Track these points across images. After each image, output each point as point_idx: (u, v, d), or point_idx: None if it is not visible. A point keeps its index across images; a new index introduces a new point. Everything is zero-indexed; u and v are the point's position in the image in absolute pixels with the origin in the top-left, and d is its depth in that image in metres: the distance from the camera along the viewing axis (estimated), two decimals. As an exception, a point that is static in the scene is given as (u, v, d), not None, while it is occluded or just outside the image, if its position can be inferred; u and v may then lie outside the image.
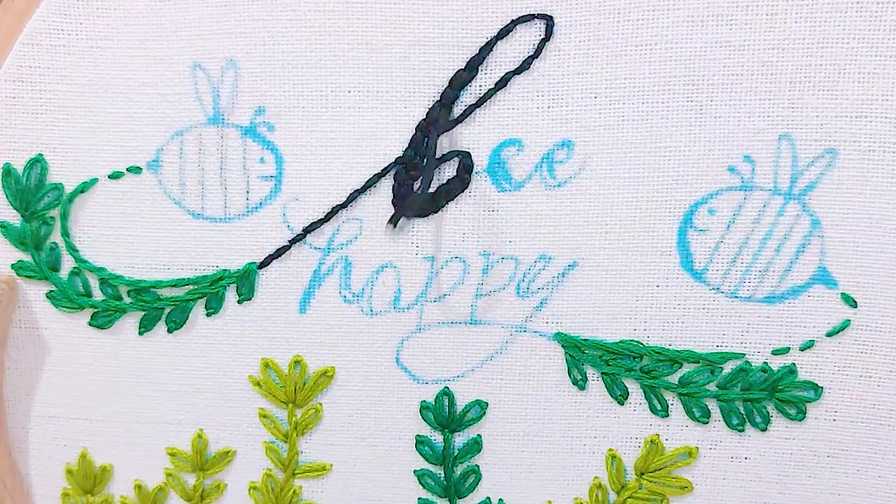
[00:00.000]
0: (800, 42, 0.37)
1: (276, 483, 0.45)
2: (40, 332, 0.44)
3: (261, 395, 0.44)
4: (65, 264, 0.43)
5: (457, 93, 0.39)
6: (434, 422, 0.43)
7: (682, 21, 0.37)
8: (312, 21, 0.39)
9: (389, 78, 0.39)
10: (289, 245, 0.42)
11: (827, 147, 0.38)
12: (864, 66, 0.37)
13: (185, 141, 0.41)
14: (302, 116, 0.40)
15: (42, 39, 0.40)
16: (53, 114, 0.41)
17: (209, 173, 0.41)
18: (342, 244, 0.41)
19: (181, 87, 0.40)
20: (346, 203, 0.41)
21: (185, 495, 0.46)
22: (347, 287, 0.42)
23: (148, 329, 0.43)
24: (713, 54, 0.38)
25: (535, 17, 0.38)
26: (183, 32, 0.39)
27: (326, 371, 0.43)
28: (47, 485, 0.46)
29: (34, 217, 0.42)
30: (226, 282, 0.42)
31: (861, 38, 0.37)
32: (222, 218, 0.42)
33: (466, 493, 0.45)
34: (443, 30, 0.39)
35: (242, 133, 0.40)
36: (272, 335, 0.43)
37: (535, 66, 0.39)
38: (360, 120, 0.40)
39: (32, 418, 0.45)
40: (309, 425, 0.44)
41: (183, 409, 0.44)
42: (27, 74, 0.40)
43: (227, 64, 0.40)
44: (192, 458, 0.45)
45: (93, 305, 0.43)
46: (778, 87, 0.38)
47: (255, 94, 0.40)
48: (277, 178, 0.41)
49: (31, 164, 0.41)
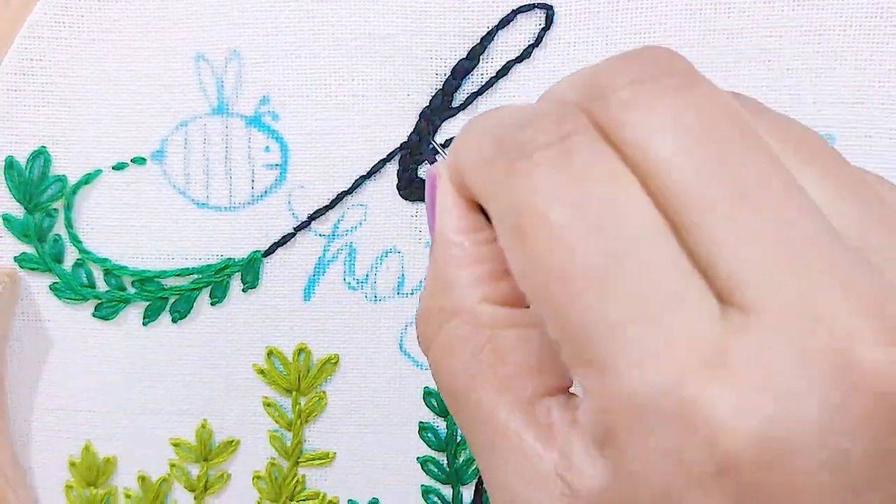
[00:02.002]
0: (797, 29, 0.38)
1: (279, 472, 0.45)
2: (43, 324, 0.44)
3: (265, 384, 0.44)
4: (68, 256, 0.43)
5: (459, 81, 0.39)
6: (437, 408, 0.44)
7: (680, 9, 0.38)
8: (315, 11, 0.39)
9: (392, 66, 0.40)
10: (294, 232, 0.42)
11: (825, 133, 0.39)
12: (861, 53, 0.38)
13: (189, 131, 0.41)
14: (306, 105, 0.40)
15: (43, 32, 0.40)
16: (56, 106, 0.41)
17: (214, 163, 0.41)
18: (347, 230, 0.42)
19: (185, 77, 0.40)
20: (352, 189, 0.41)
21: (189, 486, 0.46)
22: (352, 273, 0.42)
23: (152, 319, 0.43)
24: (711, 41, 0.38)
25: (536, 7, 0.39)
26: (186, 23, 0.40)
27: (331, 358, 0.43)
28: (50, 477, 0.46)
29: (37, 209, 0.42)
30: (230, 270, 0.42)
31: (858, 26, 0.37)
32: (227, 207, 0.42)
33: (469, 480, 0.45)
34: (445, 20, 0.39)
35: (247, 123, 0.41)
36: (276, 323, 0.43)
37: (536, 55, 0.39)
38: (363, 108, 0.40)
39: (35, 410, 0.45)
40: (313, 413, 0.44)
41: (187, 400, 0.45)
42: (29, 67, 0.40)
43: (231, 54, 0.40)
44: (196, 449, 0.45)
45: (97, 296, 0.43)
46: (775, 74, 0.38)
47: (259, 84, 0.40)
48: (282, 167, 0.41)
49: (34, 157, 0.41)
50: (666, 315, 0.19)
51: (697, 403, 0.18)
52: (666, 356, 0.19)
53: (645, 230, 0.20)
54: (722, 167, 0.20)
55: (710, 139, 0.20)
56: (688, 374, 0.19)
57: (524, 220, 0.21)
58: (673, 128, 0.20)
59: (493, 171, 0.22)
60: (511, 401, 0.23)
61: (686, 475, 0.19)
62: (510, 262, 0.22)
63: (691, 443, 0.18)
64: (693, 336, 0.19)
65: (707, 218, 0.20)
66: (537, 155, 0.21)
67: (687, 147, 0.20)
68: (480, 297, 0.24)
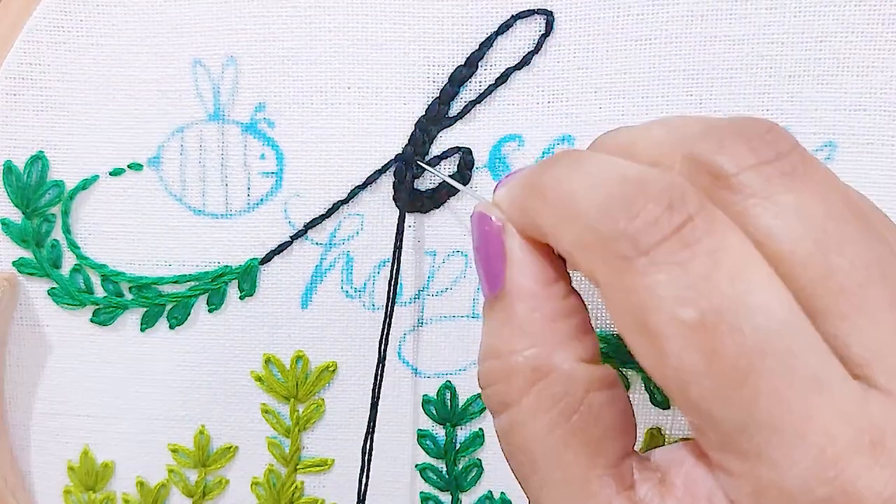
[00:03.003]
0: (799, 36, 0.37)
1: (278, 479, 0.45)
2: (41, 330, 0.44)
3: (263, 391, 0.44)
4: (66, 261, 0.43)
5: (457, 89, 0.39)
6: (436, 416, 0.44)
7: (681, 15, 0.38)
8: (312, 18, 0.39)
9: (389, 74, 0.39)
10: (290, 241, 0.42)
11: (826, 140, 0.38)
12: (862, 60, 0.37)
13: (185, 137, 0.41)
14: (302, 113, 0.40)
15: (42, 37, 0.40)
16: (54, 111, 0.41)
17: (210, 170, 0.41)
18: (343, 239, 0.42)
19: (182, 83, 0.40)
20: (348, 199, 0.41)
21: (187, 492, 0.46)
22: (349, 282, 0.42)
23: (149, 325, 0.43)
24: (713, 48, 0.38)
25: (535, 13, 0.38)
26: (183, 29, 0.39)
27: (328, 366, 0.43)
28: (49, 481, 0.46)
29: (35, 214, 0.42)
30: (227, 277, 0.42)
31: (860, 32, 0.37)
32: (224, 214, 0.42)
33: (468, 487, 0.45)
34: (442, 26, 0.39)
35: (243, 130, 0.40)
36: (274, 330, 0.43)
37: (535, 62, 0.39)
38: (360, 116, 0.40)
39: (34, 415, 0.45)
40: (311, 420, 0.44)
41: (185, 406, 0.45)
42: (27, 72, 0.40)
43: (228, 61, 0.40)
44: (194, 455, 0.45)
45: (94, 302, 0.43)
46: (777, 81, 0.38)
47: (256, 91, 0.40)
48: (278, 175, 0.41)
49: (32, 162, 0.41)
50: (812, 402, 0.19)
51: (857, 486, 0.18)
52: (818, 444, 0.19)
53: (781, 320, 0.20)
54: (850, 251, 0.20)
55: (836, 223, 0.20)
56: (843, 458, 0.19)
57: (651, 318, 0.20)
58: (800, 217, 0.20)
59: (606, 261, 0.21)
60: (603, 464, 0.23)
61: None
62: (634, 352, 0.21)
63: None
64: (843, 420, 0.19)
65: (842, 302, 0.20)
66: (656, 253, 0.20)
67: (815, 237, 0.20)
68: (575, 355, 0.23)
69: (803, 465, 0.19)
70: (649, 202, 0.20)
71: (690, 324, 0.20)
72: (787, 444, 0.19)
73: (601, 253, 0.21)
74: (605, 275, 0.21)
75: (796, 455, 0.19)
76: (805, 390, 0.19)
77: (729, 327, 0.19)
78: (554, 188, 0.23)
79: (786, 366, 0.19)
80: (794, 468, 0.19)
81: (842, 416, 0.19)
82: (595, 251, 0.21)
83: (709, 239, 0.20)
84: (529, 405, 0.23)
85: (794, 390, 0.19)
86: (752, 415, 0.19)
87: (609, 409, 0.23)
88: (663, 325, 0.20)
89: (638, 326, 0.21)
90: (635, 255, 0.20)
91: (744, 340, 0.19)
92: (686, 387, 0.20)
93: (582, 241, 0.22)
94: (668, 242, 0.20)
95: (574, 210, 0.22)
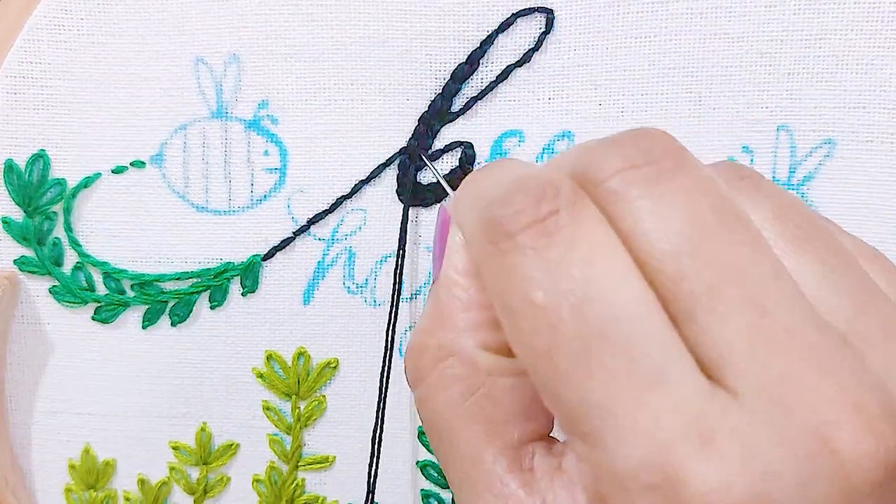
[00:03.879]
0: (798, 33, 0.38)
1: (279, 476, 0.45)
2: (43, 328, 0.44)
3: (264, 388, 0.44)
4: (68, 259, 0.43)
5: (458, 85, 0.39)
6: (437, 413, 0.44)
7: (681, 13, 0.38)
8: (314, 15, 0.39)
9: (392, 71, 0.39)
10: (293, 236, 0.42)
11: (825, 138, 0.39)
12: (861, 57, 0.38)
13: (188, 135, 0.41)
14: (305, 109, 0.40)
15: (43, 35, 0.40)
16: (55, 109, 0.41)
17: (213, 167, 0.41)
18: (346, 234, 0.42)
19: (184, 81, 0.40)
20: (351, 193, 0.41)
21: (188, 489, 0.46)
22: (351, 278, 0.42)
23: (151, 323, 0.43)
24: (712, 45, 0.38)
25: (536, 11, 0.38)
26: (185, 27, 0.40)
27: (330, 362, 0.43)
28: (50, 480, 0.46)
29: (37, 212, 0.42)
30: (230, 274, 0.42)
31: (859, 29, 0.37)
32: (226, 211, 0.42)
33: (469, 484, 0.45)
34: (444, 24, 0.39)
35: (246, 126, 0.41)
36: (276, 327, 0.43)
37: (536, 59, 0.39)
38: (363, 112, 0.40)
39: (35, 414, 0.45)
40: (312, 417, 0.44)
41: (186, 403, 0.45)
42: (28, 70, 0.40)
43: (230, 58, 0.40)
44: (195, 452, 0.45)
45: (96, 300, 0.43)
46: (776, 78, 0.38)
47: (259, 88, 0.40)
48: (282, 171, 0.41)
49: (34, 160, 0.41)
50: (648, 391, 0.20)
51: (681, 476, 0.19)
52: (649, 432, 0.20)
53: (626, 309, 0.21)
54: (706, 255, 0.21)
55: (696, 227, 0.21)
56: (671, 448, 0.19)
57: (509, 298, 0.22)
58: (658, 221, 0.21)
59: (481, 245, 0.23)
60: (499, 445, 0.24)
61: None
62: (506, 333, 0.23)
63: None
64: (677, 412, 0.20)
65: (693, 303, 0.21)
66: (519, 238, 0.22)
67: (672, 241, 0.21)
68: (479, 342, 0.25)
69: (633, 450, 0.20)
70: (522, 194, 0.22)
71: (538, 303, 0.21)
72: (620, 428, 0.20)
73: (479, 237, 0.23)
74: (480, 257, 0.23)
75: (627, 440, 0.20)
76: (644, 380, 0.20)
77: (571, 309, 0.21)
78: (469, 187, 0.26)
79: (626, 353, 0.20)
80: (624, 452, 0.20)
81: (677, 408, 0.20)
82: (476, 237, 0.23)
83: (569, 229, 0.21)
84: (434, 382, 0.25)
85: (632, 378, 0.20)
86: (588, 396, 0.20)
87: (511, 395, 0.24)
88: (517, 304, 0.22)
89: (501, 307, 0.22)
90: (502, 239, 0.22)
91: (584, 323, 0.21)
92: (535, 366, 0.22)
93: (471, 229, 0.24)
94: (530, 230, 0.22)
95: (473, 205, 0.24)
